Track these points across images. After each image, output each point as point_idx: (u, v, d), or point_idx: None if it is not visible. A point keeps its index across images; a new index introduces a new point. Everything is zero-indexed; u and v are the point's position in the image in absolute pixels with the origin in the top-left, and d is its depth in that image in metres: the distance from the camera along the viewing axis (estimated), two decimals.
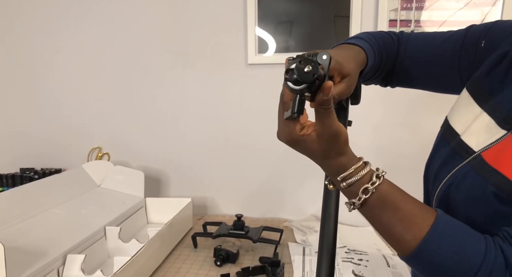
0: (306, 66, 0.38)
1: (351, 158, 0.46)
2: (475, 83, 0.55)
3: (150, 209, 1.38)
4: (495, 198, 0.44)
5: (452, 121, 0.56)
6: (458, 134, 0.53)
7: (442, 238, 0.42)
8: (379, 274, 1.02)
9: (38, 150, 1.62)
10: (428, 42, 0.65)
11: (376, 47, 0.63)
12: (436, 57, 0.63)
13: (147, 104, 1.51)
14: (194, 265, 1.09)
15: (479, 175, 0.46)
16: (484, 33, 0.58)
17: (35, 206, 1.09)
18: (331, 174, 0.47)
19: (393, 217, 0.44)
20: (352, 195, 0.46)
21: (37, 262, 0.86)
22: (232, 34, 1.40)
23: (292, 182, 1.46)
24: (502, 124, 0.47)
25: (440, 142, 0.58)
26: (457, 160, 0.51)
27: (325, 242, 0.54)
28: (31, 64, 1.57)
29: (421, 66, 0.65)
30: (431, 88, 0.68)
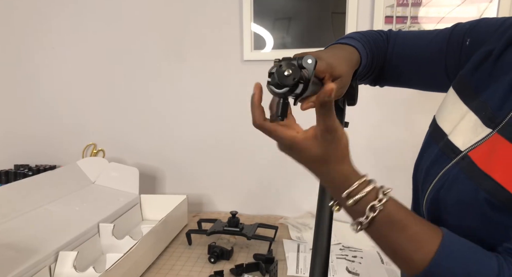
0: (286, 70, 0.38)
1: (353, 170, 0.44)
2: (461, 82, 0.54)
3: (145, 206, 1.37)
4: (487, 204, 0.43)
5: (439, 120, 0.56)
6: (446, 133, 0.53)
7: (453, 257, 0.41)
8: (373, 271, 1.02)
9: (33, 146, 1.61)
10: (415, 41, 0.64)
11: (368, 46, 0.63)
12: (423, 57, 0.63)
13: (142, 100, 1.50)
14: (188, 262, 1.09)
15: (470, 179, 0.45)
16: (469, 31, 0.57)
17: (29, 203, 1.08)
18: (334, 188, 0.45)
19: (401, 236, 0.43)
20: (358, 214, 0.44)
21: (29, 259, 0.86)
22: (228, 30, 1.39)
23: (287, 179, 1.46)
24: (487, 122, 0.47)
25: (428, 142, 0.58)
26: (444, 160, 0.51)
27: (319, 240, 0.54)
28: (25, 61, 1.56)
29: (408, 65, 0.65)
30: (419, 87, 0.68)
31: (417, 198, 0.58)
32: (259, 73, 1.50)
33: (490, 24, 0.55)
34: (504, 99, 0.46)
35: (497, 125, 0.46)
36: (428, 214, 0.52)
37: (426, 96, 1.16)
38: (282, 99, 0.40)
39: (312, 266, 0.57)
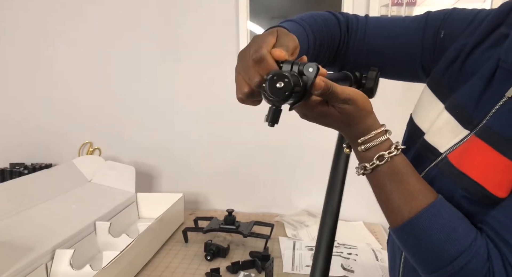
0: (278, 82, 0.37)
1: (375, 121, 0.46)
2: (435, 79, 0.55)
3: (141, 204, 1.38)
4: (465, 200, 0.45)
5: (417, 119, 0.57)
6: (423, 132, 0.53)
7: (436, 217, 0.43)
8: (368, 268, 1.03)
9: (28, 145, 1.60)
10: (389, 30, 0.62)
11: (309, 29, 0.57)
12: (398, 46, 0.61)
13: (138, 98, 1.50)
14: (185, 259, 1.09)
15: (448, 178, 0.47)
16: (443, 22, 0.57)
17: (25, 201, 1.08)
18: (353, 137, 0.47)
19: (398, 188, 0.45)
20: (366, 159, 0.46)
21: (25, 257, 0.86)
22: (224, 29, 1.39)
23: (284, 178, 1.46)
24: (465, 124, 0.48)
25: (408, 142, 0.58)
26: (424, 162, 0.52)
27: (325, 232, 0.55)
28: (20, 60, 1.55)
29: (381, 54, 0.63)
30: (390, 76, 0.66)
31: None
32: None
33: (463, 17, 0.55)
34: (478, 99, 0.47)
35: (475, 127, 0.47)
36: None
37: None
38: (274, 107, 0.40)
39: (315, 257, 0.57)
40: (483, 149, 0.44)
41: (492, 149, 0.43)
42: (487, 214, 0.43)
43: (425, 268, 0.45)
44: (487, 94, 0.47)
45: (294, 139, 1.42)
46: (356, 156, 0.49)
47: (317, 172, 1.46)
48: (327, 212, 0.57)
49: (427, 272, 0.45)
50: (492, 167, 0.43)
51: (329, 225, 0.56)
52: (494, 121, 0.45)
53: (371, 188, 0.49)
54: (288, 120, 1.41)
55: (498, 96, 0.45)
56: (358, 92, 0.44)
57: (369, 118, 0.45)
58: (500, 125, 0.44)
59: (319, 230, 0.56)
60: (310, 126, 1.31)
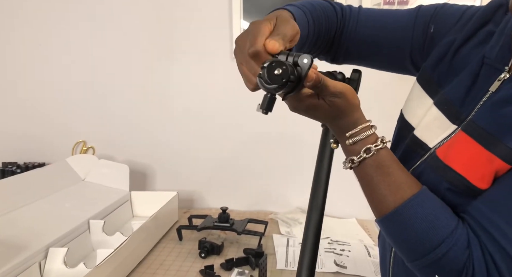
0: (276, 69, 0.38)
1: (361, 116, 0.47)
2: (424, 75, 0.56)
3: (136, 203, 1.38)
4: (450, 193, 0.46)
5: (406, 115, 0.58)
6: (413, 127, 0.55)
7: (420, 207, 0.45)
8: (360, 264, 1.04)
9: (21, 144, 1.59)
10: (381, 21, 0.63)
11: (309, 15, 0.59)
12: (389, 38, 0.62)
13: (132, 97, 1.50)
14: (179, 257, 1.10)
15: (434, 172, 0.48)
16: (433, 17, 0.58)
17: (17, 200, 1.08)
18: (340, 131, 0.48)
19: (383, 180, 0.47)
20: (353, 153, 0.47)
21: (18, 255, 0.86)
22: (218, 28, 1.39)
23: (278, 176, 1.47)
24: (453, 119, 0.49)
25: (398, 137, 0.60)
26: (414, 157, 0.53)
27: (310, 228, 0.56)
28: (12, 58, 1.54)
29: (372, 45, 0.64)
30: (379, 67, 0.68)
31: None
32: None
33: (452, 12, 0.56)
34: (465, 95, 0.49)
35: (462, 122, 0.48)
36: None
37: None
38: (269, 94, 0.41)
39: (302, 253, 0.58)
40: (468, 143, 0.45)
41: (476, 143, 0.44)
42: (469, 205, 0.45)
43: (409, 256, 0.47)
44: (473, 90, 0.48)
45: (287, 137, 1.43)
46: (343, 150, 0.50)
47: (310, 170, 1.47)
48: (312, 208, 0.57)
49: (411, 260, 0.47)
50: (475, 160, 0.44)
51: (314, 221, 0.57)
52: (478, 115, 0.46)
53: (358, 181, 0.50)
54: (281, 119, 1.42)
55: (483, 91, 0.46)
56: (347, 86, 0.45)
57: (357, 112, 0.47)
58: (483, 119, 0.45)
59: (304, 228, 0.57)
60: (304, 125, 1.33)
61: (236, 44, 0.46)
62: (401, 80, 0.71)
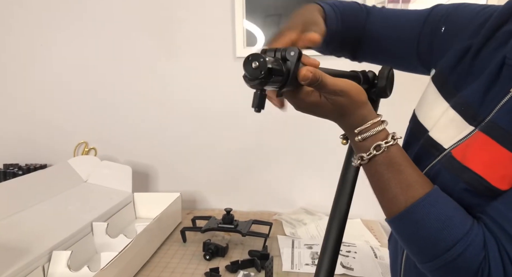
0: (253, 62, 0.38)
1: (370, 111, 0.46)
2: (441, 77, 0.55)
3: (138, 204, 1.37)
4: (467, 194, 0.45)
5: (420, 116, 0.56)
6: (427, 130, 0.53)
7: (433, 206, 0.43)
8: (367, 265, 1.03)
9: (23, 145, 1.58)
10: (394, 20, 0.65)
11: (339, 14, 0.63)
12: (397, 36, 0.63)
13: (134, 98, 1.49)
14: (183, 259, 1.09)
15: (450, 173, 0.47)
16: (445, 17, 0.58)
17: (19, 203, 1.07)
18: (349, 128, 0.47)
19: (394, 178, 0.45)
20: (363, 149, 0.46)
21: (21, 259, 0.85)
22: (220, 27, 1.38)
23: (281, 176, 1.46)
24: (470, 120, 0.48)
25: (410, 138, 0.58)
26: (428, 158, 0.52)
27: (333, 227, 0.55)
28: (13, 59, 1.53)
29: (384, 43, 0.65)
30: (395, 67, 0.66)
31: None
32: None
33: (466, 14, 0.56)
34: (484, 96, 0.47)
35: (480, 123, 0.47)
36: None
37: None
38: (259, 91, 0.40)
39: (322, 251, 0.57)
40: (487, 144, 0.44)
41: (496, 143, 0.43)
42: (487, 205, 0.43)
43: (422, 257, 0.45)
44: (493, 91, 0.47)
45: (291, 138, 1.42)
46: (353, 147, 0.49)
47: (314, 171, 1.46)
48: (333, 219, 0.56)
49: (423, 262, 0.45)
50: (495, 161, 0.43)
51: (335, 232, 0.55)
52: (499, 116, 0.45)
53: (368, 178, 0.49)
54: (285, 120, 1.41)
55: (504, 92, 0.45)
56: (351, 83, 0.44)
57: (364, 109, 0.46)
58: (505, 120, 0.44)
59: (325, 236, 0.56)
60: (307, 125, 1.31)
61: None
62: (414, 80, 0.70)
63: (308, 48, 0.51)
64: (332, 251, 0.55)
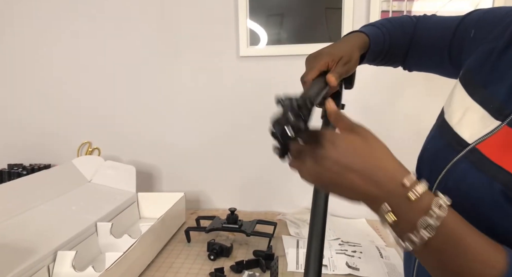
0: (285, 126, 0.39)
1: (399, 166, 0.40)
2: (467, 76, 0.54)
3: (143, 204, 1.36)
4: (503, 196, 0.40)
5: (446, 114, 0.55)
6: (451, 127, 0.52)
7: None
8: (373, 265, 1.02)
9: (27, 145, 1.59)
10: (433, 27, 0.68)
11: (386, 31, 0.70)
12: (431, 42, 0.66)
13: (138, 98, 1.49)
14: (188, 259, 1.08)
15: (482, 172, 0.44)
16: (474, 22, 0.59)
17: (24, 203, 1.07)
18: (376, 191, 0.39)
19: (465, 256, 0.37)
20: (407, 227, 0.38)
21: (27, 259, 0.84)
22: (223, 27, 1.38)
23: (285, 175, 1.45)
24: (495, 115, 0.46)
25: (434, 134, 0.57)
26: (451, 153, 0.49)
27: (314, 230, 0.52)
28: (17, 59, 1.53)
29: (422, 50, 0.69)
30: (433, 71, 0.72)
31: None
32: (255, 69, 1.50)
33: (493, 17, 0.56)
34: (511, 89, 0.46)
35: (506, 117, 0.45)
36: None
37: (432, 82, 1.16)
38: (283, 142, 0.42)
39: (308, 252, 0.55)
40: None
41: None
42: None
43: None
44: None
45: None
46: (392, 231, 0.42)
47: None
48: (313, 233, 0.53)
49: None
50: None
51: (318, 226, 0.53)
52: None
53: (420, 260, 0.41)
54: None
55: None
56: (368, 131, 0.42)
57: (392, 161, 0.41)
58: None
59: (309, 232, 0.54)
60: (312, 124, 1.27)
61: (305, 63, 0.66)
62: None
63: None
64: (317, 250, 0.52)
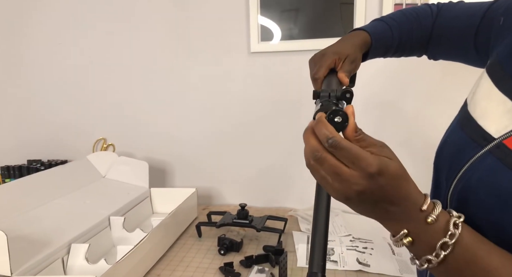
0: (336, 117, 0.43)
1: (415, 191, 0.39)
2: (495, 66, 0.51)
3: (155, 199, 1.38)
4: None
5: (470, 106, 0.52)
6: (475, 119, 0.49)
7: None
8: (384, 262, 1.01)
9: (45, 142, 1.63)
10: (456, 13, 0.67)
11: (395, 25, 0.70)
12: (456, 29, 0.65)
13: (150, 94, 1.51)
14: (198, 254, 1.09)
15: (511, 168, 0.41)
16: (504, 9, 0.56)
17: (41, 197, 1.10)
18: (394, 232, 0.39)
19: (477, 271, 0.37)
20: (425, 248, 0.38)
21: (42, 251, 0.87)
22: (235, 23, 1.38)
23: (296, 172, 1.45)
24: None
25: (454, 127, 0.54)
26: (474, 147, 0.46)
27: (318, 223, 0.51)
28: (33, 56, 1.57)
29: (445, 38, 0.68)
30: (457, 60, 0.70)
31: (438, 188, 0.54)
32: (267, 64, 1.50)
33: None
34: None
35: None
36: (454, 206, 0.49)
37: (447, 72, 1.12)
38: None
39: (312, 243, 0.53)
40: None
41: None
42: None
43: None
44: None
45: None
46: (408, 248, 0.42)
47: None
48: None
49: None
50: None
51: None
52: None
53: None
54: (300, 115, 1.39)
55: None
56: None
57: (410, 183, 0.39)
58: None
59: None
60: None
61: (308, 63, 0.69)
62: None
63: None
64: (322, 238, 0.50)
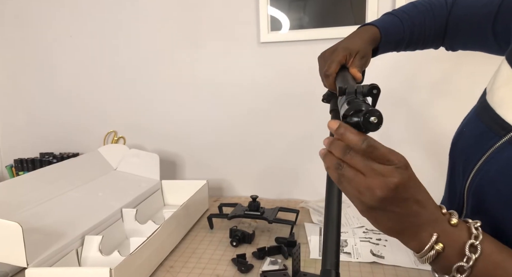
0: (371, 117, 0.39)
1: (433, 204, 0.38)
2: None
3: (166, 192, 1.39)
4: None
5: (488, 95, 0.50)
6: (493, 108, 0.47)
7: None
8: (399, 254, 0.99)
9: (57, 135, 1.64)
10: (471, 3, 0.65)
11: (407, 18, 0.69)
12: (473, 18, 0.64)
13: (161, 87, 1.50)
14: (211, 245, 1.09)
15: None
16: None
17: (54, 189, 1.11)
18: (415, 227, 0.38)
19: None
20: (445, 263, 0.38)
21: (57, 242, 0.88)
22: (244, 13, 1.35)
23: (307, 163, 1.44)
24: None
25: (472, 117, 0.52)
26: (491, 138, 0.45)
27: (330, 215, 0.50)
28: (44, 49, 1.58)
29: (463, 26, 0.67)
30: (476, 48, 0.69)
31: (453, 180, 0.53)
32: (276, 55, 1.47)
33: None
34: None
35: None
36: (472, 198, 0.47)
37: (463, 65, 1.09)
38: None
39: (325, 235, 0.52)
40: None
41: None
42: None
43: None
44: None
45: (318, 126, 1.38)
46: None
47: None
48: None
49: None
50: None
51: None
52: None
53: None
54: (311, 106, 1.37)
55: None
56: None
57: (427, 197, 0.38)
58: None
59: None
60: None
61: (318, 60, 0.69)
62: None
63: None
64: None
